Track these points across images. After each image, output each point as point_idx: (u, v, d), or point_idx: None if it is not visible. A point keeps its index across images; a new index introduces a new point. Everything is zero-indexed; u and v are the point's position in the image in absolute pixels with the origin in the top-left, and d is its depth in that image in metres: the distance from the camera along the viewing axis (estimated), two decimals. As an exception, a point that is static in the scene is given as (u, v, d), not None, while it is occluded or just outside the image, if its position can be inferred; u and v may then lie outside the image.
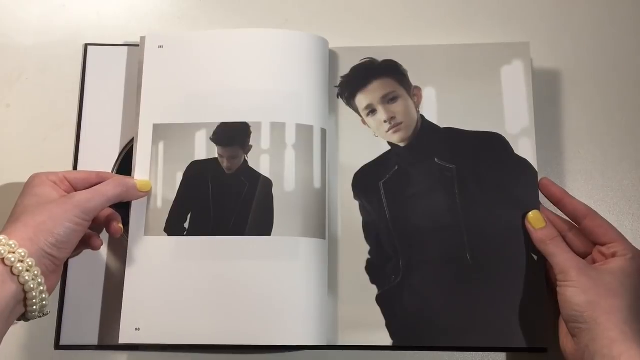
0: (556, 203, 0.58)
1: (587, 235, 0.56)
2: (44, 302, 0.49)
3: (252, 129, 0.59)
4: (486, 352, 0.58)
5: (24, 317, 0.49)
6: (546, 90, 0.65)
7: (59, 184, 0.53)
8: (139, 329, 0.55)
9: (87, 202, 0.51)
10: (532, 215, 0.57)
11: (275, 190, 0.58)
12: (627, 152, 0.64)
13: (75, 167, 0.62)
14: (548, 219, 0.57)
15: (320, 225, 0.58)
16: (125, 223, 0.58)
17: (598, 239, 0.55)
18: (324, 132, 0.60)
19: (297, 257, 0.56)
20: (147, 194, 0.59)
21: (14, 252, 0.46)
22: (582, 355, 0.50)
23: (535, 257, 0.58)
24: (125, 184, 0.56)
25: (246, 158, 0.59)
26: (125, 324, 0.55)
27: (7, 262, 0.46)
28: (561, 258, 0.53)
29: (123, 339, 0.55)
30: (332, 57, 0.64)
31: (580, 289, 0.51)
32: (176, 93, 0.60)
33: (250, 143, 0.59)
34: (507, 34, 0.67)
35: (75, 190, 0.55)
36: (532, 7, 0.68)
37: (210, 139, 0.59)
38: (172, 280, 0.56)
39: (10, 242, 0.46)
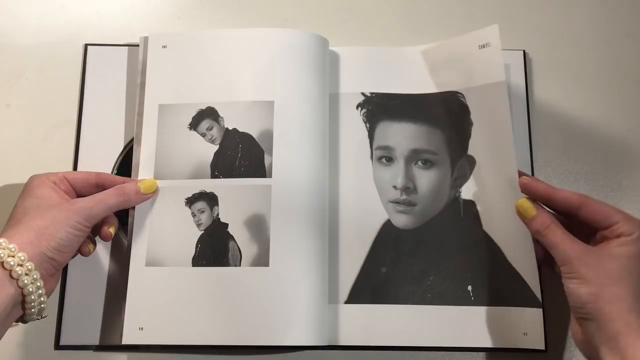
0: (545, 201, 0.53)
1: (587, 225, 0.51)
2: (42, 305, 0.49)
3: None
4: (486, 352, 0.58)
5: (22, 319, 0.49)
6: (546, 90, 0.65)
7: (59, 183, 0.54)
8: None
9: (90, 209, 0.52)
10: (520, 204, 0.53)
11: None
12: (627, 152, 0.64)
13: (75, 167, 0.62)
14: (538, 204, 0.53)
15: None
16: (125, 223, 0.59)
17: (600, 225, 0.51)
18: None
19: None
20: (153, 195, 0.58)
21: (13, 256, 0.46)
22: (589, 345, 0.48)
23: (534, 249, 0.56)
24: (126, 193, 0.55)
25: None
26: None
27: (6, 265, 0.46)
28: (560, 248, 0.50)
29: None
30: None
31: (582, 280, 0.48)
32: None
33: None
34: (507, 34, 0.67)
35: (75, 190, 0.55)
36: (532, 8, 0.68)
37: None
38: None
39: (10, 246, 0.47)
